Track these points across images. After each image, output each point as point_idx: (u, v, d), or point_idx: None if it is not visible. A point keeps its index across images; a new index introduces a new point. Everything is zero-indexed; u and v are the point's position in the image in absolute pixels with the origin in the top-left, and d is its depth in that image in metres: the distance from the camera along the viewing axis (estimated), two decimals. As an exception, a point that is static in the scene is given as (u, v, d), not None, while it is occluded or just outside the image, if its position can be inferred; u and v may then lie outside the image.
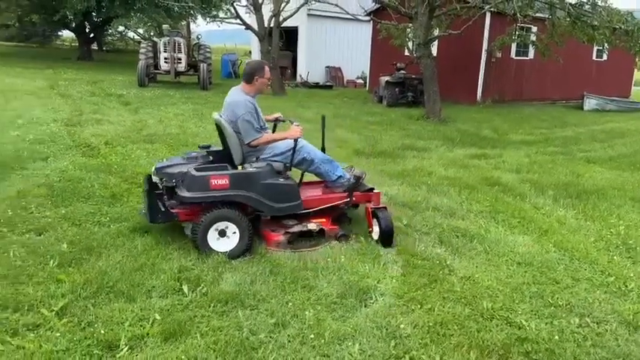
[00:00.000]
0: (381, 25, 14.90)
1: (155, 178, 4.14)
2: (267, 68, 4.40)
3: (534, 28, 15.16)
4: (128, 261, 3.77)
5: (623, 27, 11.38)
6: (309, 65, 21.79)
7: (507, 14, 11.95)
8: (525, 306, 3.42)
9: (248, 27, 16.20)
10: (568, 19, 11.25)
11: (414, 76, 14.76)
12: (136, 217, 4.58)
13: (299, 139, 4.28)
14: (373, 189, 4.68)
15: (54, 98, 12.37)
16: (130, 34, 38.26)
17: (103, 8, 23.43)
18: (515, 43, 15.95)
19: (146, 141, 8.01)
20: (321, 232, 4.25)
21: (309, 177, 4.80)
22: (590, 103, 16.90)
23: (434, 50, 16.88)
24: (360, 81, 22.52)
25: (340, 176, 4.52)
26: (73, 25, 25.97)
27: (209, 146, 4.53)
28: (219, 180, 3.89)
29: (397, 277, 3.73)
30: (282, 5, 15.78)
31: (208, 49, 17.79)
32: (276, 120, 4.81)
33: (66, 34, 34.23)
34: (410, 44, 14.43)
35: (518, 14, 10.28)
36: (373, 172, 6.95)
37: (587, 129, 12.36)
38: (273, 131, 4.77)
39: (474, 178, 6.87)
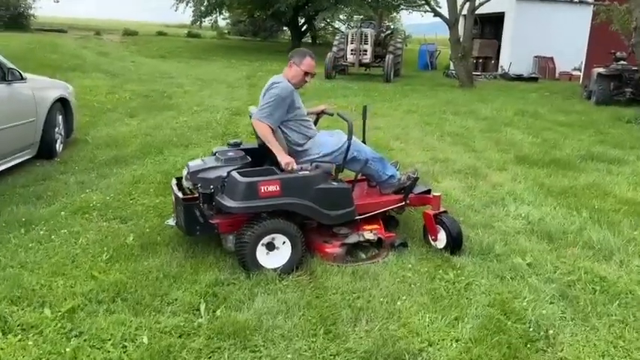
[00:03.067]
0: (598, 7, 12.46)
1: (187, 183, 3.66)
2: (308, 59, 3.77)
3: None
4: (173, 264, 3.50)
5: None
6: (514, 55, 19.60)
7: None
8: None
9: (437, 14, 15.13)
10: None
11: (635, 68, 11.98)
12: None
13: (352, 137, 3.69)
14: (430, 190, 4.08)
15: (242, 88, 13.25)
16: (344, 27, 39.75)
17: (313, 2, 24.60)
18: None
19: (291, 133, 7.87)
20: (378, 242, 3.70)
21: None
22: None
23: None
24: (577, 73, 19.46)
25: (391, 176, 3.94)
26: (288, 19, 27.89)
27: (240, 143, 3.98)
28: (270, 186, 3.34)
29: (464, 340, 2.73)
30: (480, -12, 14.33)
31: (399, 40, 17.25)
32: (322, 112, 4.17)
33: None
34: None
35: None
36: (530, 184, 5.64)
37: None
38: (315, 124, 4.18)
39: (671, 206, 5.04)
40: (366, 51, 15.75)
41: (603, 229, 4.38)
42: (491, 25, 22.29)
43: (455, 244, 3.77)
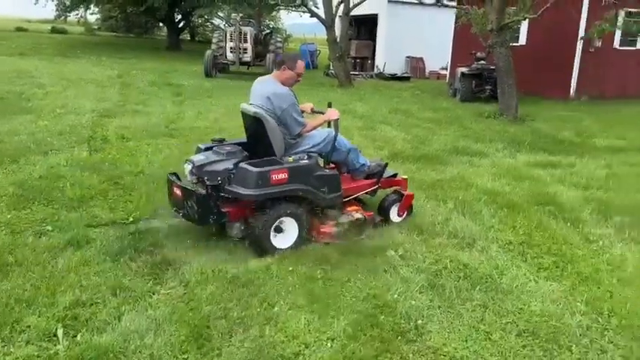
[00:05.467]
0: (459, 11, 13.45)
1: (190, 177, 3.92)
2: (300, 63, 4.22)
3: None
4: (27, 286, 3.14)
5: None
6: (388, 55, 20.55)
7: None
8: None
9: (313, 14, 15.40)
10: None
11: (493, 67, 13.12)
12: (80, 228, 4.00)
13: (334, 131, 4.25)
14: (397, 174, 4.84)
15: (113, 87, 12.42)
16: (223, 25, 39.00)
17: (187, -1, 23.82)
18: (620, 31, 13.70)
19: (166, 135, 7.53)
20: (364, 220, 4.23)
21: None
22: None
23: (522, 38, 15.11)
24: (444, 72, 20.93)
25: (363, 164, 4.53)
26: (164, 15, 26.70)
27: (223, 140, 4.27)
28: (279, 174, 3.74)
29: (339, 339, 2.75)
30: (353, -9, 14.79)
31: (279, 39, 17.29)
32: (311, 111, 4.55)
33: (164, 25, 35.50)
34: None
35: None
36: (402, 179, 5.90)
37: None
38: None
39: (523, 193, 5.56)
40: (246, 49, 15.57)
41: (467, 218, 4.71)
42: (367, 27, 23.20)
43: (381, 212, 4.51)
